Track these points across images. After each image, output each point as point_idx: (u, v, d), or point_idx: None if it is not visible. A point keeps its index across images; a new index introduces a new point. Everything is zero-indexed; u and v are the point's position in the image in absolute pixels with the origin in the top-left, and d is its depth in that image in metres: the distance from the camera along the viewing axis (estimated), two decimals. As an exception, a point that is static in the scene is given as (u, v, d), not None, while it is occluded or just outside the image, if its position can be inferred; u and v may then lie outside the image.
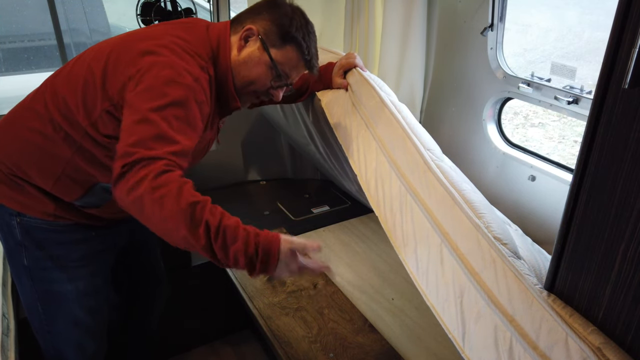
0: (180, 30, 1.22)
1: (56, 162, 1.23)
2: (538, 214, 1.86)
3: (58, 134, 1.21)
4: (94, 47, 1.29)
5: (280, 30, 1.23)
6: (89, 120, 1.19)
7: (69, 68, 1.26)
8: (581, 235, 0.86)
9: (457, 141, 2.14)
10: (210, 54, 1.22)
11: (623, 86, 0.72)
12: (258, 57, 1.24)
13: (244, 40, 1.25)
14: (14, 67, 3.12)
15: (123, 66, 1.14)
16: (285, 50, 1.25)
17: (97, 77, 1.17)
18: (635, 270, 0.78)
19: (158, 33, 1.21)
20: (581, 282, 0.88)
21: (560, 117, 4.83)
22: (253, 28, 1.23)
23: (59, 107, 1.21)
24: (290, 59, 1.26)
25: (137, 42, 1.18)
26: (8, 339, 1.53)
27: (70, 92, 1.20)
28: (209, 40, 1.23)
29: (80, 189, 1.27)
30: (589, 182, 0.82)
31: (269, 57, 1.24)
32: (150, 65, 1.10)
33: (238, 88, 1.29)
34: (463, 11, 1.94)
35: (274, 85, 1.29)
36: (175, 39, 1.17)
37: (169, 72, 1.09)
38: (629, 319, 0.81)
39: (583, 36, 5.13)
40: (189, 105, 1.10)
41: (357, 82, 1.51)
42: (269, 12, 1.25)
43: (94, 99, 1.17)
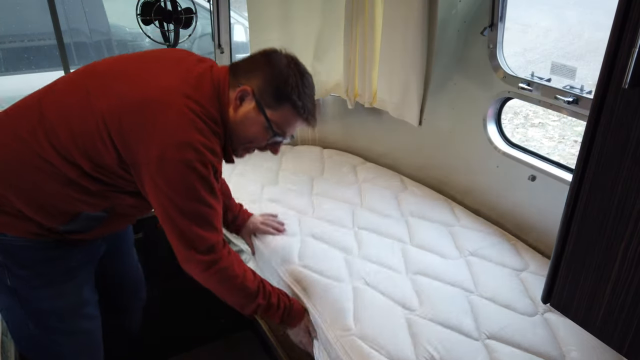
0: (189, 87, 1.19)
1: (42, 193, 1.20)
2: (538, 214, 1.86)
3: (47, 167, 1.18)
4: (93, 74, 1.25)
5: (275, 91, 1.23)
6: (92, 165, 1.18)
7: (62, 97, 1.21)
8: (581, 235, 0.86)
9: (457, 141, 2.14)
10: (219, 115, 1.23)
11: (623, 86, 0.72)
12: (254, 118, 1.25)
13: (239, 100, 1.24)
14: (14, 67, 3.11)
15: (136, 142, 1.14)
16: (281, 110, 1.25)
17: (105, 138, 1.15)
18: (635, 270, 0.78)
19: (167, 89, 1.17)
20: (581, 282, 0.88)
21: (560, 117, 4.83)
22: (248, 89, 1.23)
23: (52, 144, 1.17)
24: (287, 118, 1.27)
25: (147, 105, 1.15)
26: (8, 339, 1.53)
27: (69, 134, 1.16)
28: (217, 99, 1.23)
29: (66, 217, 1.25)
30: (589, 181, 0.82)
31: (265, 117, 1.25)
32: (170, 153, 1.13)
33: (234, 144, 1.31)
34: (463, 11, 1.94)
35: (270, 142, 1.32)
36: (189, 102, 1.16)
37: (191, 155, 1.14)
38: (629, 319, 0.81)
39: (583, 36, 5.13)
40: (213, 185, 1.21)
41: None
42: (264, 70, 1.24)
43: (101, 155, 1.17)
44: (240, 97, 1.24)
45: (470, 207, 2.11)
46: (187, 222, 1.19)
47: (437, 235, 1.89)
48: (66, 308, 1.37)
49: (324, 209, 2.01)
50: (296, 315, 1.43)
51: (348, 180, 2.29)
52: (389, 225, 1.93)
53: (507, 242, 1.87)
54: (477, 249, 1.81)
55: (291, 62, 1.26)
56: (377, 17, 2.10)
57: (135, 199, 1.31)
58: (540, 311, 1.54)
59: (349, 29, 2.20)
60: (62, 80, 1.29)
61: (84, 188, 1.21)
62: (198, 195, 1.18)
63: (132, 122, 1.14)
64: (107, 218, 1.33)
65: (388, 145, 2.49)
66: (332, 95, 2.56)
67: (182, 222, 1.19)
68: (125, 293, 1.76)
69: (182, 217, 1.18)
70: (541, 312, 1.54)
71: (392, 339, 1.37)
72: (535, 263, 1.75)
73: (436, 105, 2.14)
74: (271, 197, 2.08)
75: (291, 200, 2.05)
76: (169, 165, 1.13)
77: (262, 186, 2.17)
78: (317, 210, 2.01)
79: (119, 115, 1.15)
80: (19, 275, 1.29)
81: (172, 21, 2.22)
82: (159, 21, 2.20)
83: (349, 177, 2.32)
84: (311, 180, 2.28)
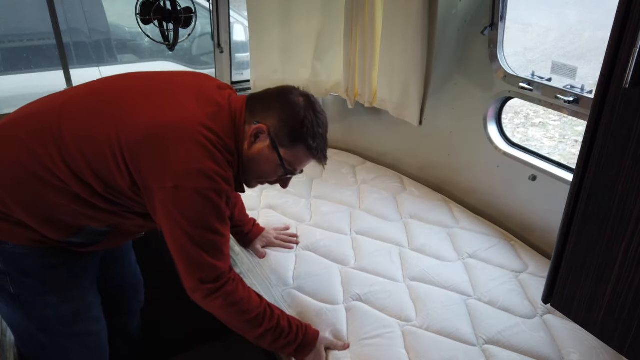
0: (207, 116, 1.19)
1: (47, 207, 1.20)
2: (538, 214, 1.86)
3: (57, 183, 1.17)
4: (111, 93, 1.25)
5: (291, 131, 1.24)
6: (104, 186, 1.18)
7: (78, 114, 1.20)
8: (582, 235, 0.86)
9: (457, 141, 2.14)
10: (235, 146, 1.24)
11: (624, 85, 0.72)
12: (268, 155, 1.26)
13: (254, 137, 1.25)
14: (14, 67, 3.11)
15: (150, 168, 1.15)
16: (295, 150, 1.27)
17: (120, 163, 1.15)
18: (636, 270, 0.78)
19: (185, 117, 1.17)
20: (582, 282, 0.88)
21: (561, 116, 4.83)
22: (264, 127, 1.24)
23: (66, 162, 1.16)
24: (300, 158, 1.29)
25: (163, 133, 1.14)
26: (7, 339, 1.53)
27: (82, 155, 1.16)
28: (234, 130, 1.24)
29: (70, 230, 1.25)
30: (589, 181, 0.82)
31: (279, 156, 1.26)
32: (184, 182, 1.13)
33: (247, 177, 1.33)
34: (463, 10, 1.94)
35: (281, 177, 1.34)
36: (205, 132, 1.16)
37: (205, 184, 1.14)
38: (630, 319, 0.81)
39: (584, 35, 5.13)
40: (225, 214, 1.21)
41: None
42: (280, 110, 1.25)
43: (115, 178, 1.17)
44: (255, 135, 1.25)
45: (470, 207, 2.11)
46: (198, 249, 1.19)
47: (436, 237, 1.88)
48: (71, 313, 1.37)
49: (322, 214, 2.01)
50: (312, 340, 1.37)
51: (347, 182, 2.29)
52: (387, 228, 1.93)
53: (507, 243, 1.86)
54: (475, 250, 1.81)
55: (308, 103, 1.27)
56: (377, 17, 2.10)
57: (142, 219, 1.31)
58: (539, 313, 1.54)
59: (349, 29, 2.19)
60: (81, 91, 1.27)
61: (92, 205, 1.21)
62: (210, 224, 1.18)
63: (148, 149, 1.14)
64: (110, 234, 1.33)
65: (388, 145, 2.49)
66: (332, 95, 2.56)
67: (192, 250, 1.19)
68: (125, 296, 1.76)
69: (193, 244, 1.18)
70: (540, 314, 1.54)
71: (387, 354, 1.35)
72: (535, 264, 1.75)
73: (436, 105, 2.14)
74: (269, 202, 2.08)
75: (289, 207, 2.05)
76: (183, 193, 1.13)
77: (260, 190, 2.17)
78: (315, 215, 2.01)
79: (135, 142, 1.14)
80: (22, 282, 1.28)
81: (172, 21, 2.22)
82: (158, 21, 2.20)
83: (348, 178, 2.32)
84: (310, 181, 2.28)
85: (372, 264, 1.71)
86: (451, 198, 2.18)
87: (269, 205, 2.06)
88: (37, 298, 1.31)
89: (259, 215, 1.99)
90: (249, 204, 2.07)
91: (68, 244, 1.29)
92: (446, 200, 2.16)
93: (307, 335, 1.36)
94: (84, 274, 1.40)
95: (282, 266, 1.70)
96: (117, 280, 1.69)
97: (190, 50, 3.27)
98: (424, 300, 1.55)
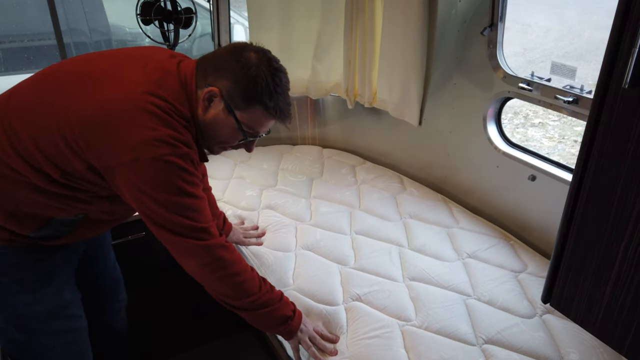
0: (152, 84, 1.14)
1: (9, 201, 1.18)
2: (538, 214, 1.86)
3: (14, 175, 1.15)
4: (56, 77, 1.21)
5: (244, 92, 1.17)
6: (60, 172, 1.15)
7: (25, 101, 1.18)
8: (581, 235, 0.86)
9: (457, 141, 2.14)
10: (190, 112, 1.19)
11: (623, 86, 0.72)
12: (223, 120, 1.21)
13: (207, 101, 1.19)
14: (14, 67, 3.11)
15: (104, 148, 1.10)
16: (251, 112, 1.20)
17: (72, 145, 1.11)
18: (635, 270, 0.78)
19: (128, 88, 1.13)
20: (581, 282, 0.88)
21: (560, 116, 4.83)
22: (215, 90, 1.17)
23: (18, 151, 1.14)
24: (258, 120, 1.22)
25: (108, 110, 1.10)
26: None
27: (33, 141, 1.13)
28: (185, 96, 1.18)
29: (36, 223, 1.23)
30: (589, 181, 0.82)
31: (235, 120, 1.20)
32: (143, 153, 1.08)
33: (207, 143, 1.27)
34: (463, 11, 1.94)
35: (243, 141, 1.27)
36: (151, 98, 1.11)
37: (165, 150, 1.09)
38: (629, 319, 0.81)
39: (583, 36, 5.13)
40: (194, 175, 1.17)
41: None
42: (231, 69, 1.18)
43: (69, 162, 1.13)
44: (208, 99, 1.19)
45: (470, 207, 2.11)
46: (175, 215, 1.15)
47: (435, 237, 1.88)
48: (47, 311, 1.34)
49: (321, 214, 2.01)
50: (299, 318, 1.38)
51: (347, 182, 2.29)
52: (387, 228, 1.93)
53: (506, 243, 1.87)
54: (475, 250, 1.81)
55: (261, 60, 1.19)
56: (377, 17, 2.10)
57: (109, 203, 1.27)
58: (538, 313, 1.54)
59: (348, 29, 2.20)
60: (28, 81, 1.24)
61: (52, 193, 1.18)
62: (180, 188, 1.14)
63: (98, 129, 1.10)
64: (80, 223, 1.29)
65: (388, 145, 2.49)
66: (332, 95, 2.56)
67: (168, 217, 1.14)
68: (107, 294, 1.73)
69: (169, 212, 1.14)
70: (540, 314, 1.54)
71: (386, 354, 1.35)
72: (534, 264, 1.75)
73: (436, 105, 2.14)
74: (269, 202, 2.08)
75: (289, 207, 2.05)
76: (144, 164, 1.09)
77: (260, 190, 2.17)
78: (315, 215, 2.01)
79: (85, 124, 1.11)
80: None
81: (172, 21, 2.22)
82: (158, 21, 2.20)
83: (348, 178, 2.32)
84: (310, 181, 2.28)
85: (372, 264, 1.71)
86: (451, 198, 2.18)
87: (268, 205, 2.06)
88: (11, 297, 1.30)
89: (258, 215, 1.99)
90: (249, 204, 2.07)
91: (38, 239, 1.27)
92: (446, 200, 2.16)
93: (297, 313, 1.37)
94: (59, 270, 1.38)
95: (281, 266, 1.70)
96: (98, 277, 1.67)
97: (190, 51, 3.27)
98: (424, 300, 1.55)
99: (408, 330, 1.44)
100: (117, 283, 1.77)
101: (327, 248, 1.79)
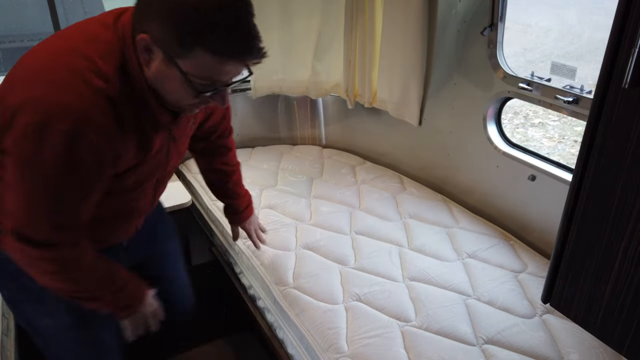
0: (83, 43, 0.96)
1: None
2: (538, 214, 1.86)
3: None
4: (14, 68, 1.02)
5: (178, 37, 0.90)
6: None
7: None
8: (581, 235, 0.86)
9: (457, 141, 2.14)
10: (117, 68, 0.96)
11: (623, 86, 0.72)
12: (167, 72, 0.95)
13: (146, 53, 0.95)
14: (14, 67, 3.12)
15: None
16: (195, 56, 0.92)
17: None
18: (635, 270, 0.78)
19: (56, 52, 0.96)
20: (581, 282, 0.88)
21: (560, 117, 4.83)
22: (146, 38, 0.92)
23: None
24: (207, 64, 0.93)
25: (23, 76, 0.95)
26: (8, 339, 1.53)
27: None
28: (120, 49, 0.96)
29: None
30: (589, 181, 0.82)
31: (180, 71, 0.94)
32: (20, 117, 0.90)
33: (169, 103, 1.03)
34: (463, 11, 1.94)
35: (206, 95, 0.99)
36: (70, 58, 0.93)
37: (41, 117, 0.89)
38: (629, 319, 0.81)
39: (583, 36, 5.13)
40: (84, 164, 0.96)
41: None
42: (161, 8, 0.91)
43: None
44: (145, 49, 0.94)
45: (470, 207, 2.11)
46: (33, 201, 0.96)
47: (435, 237, 1.88)
48: (53, 329, 1.24)
49: (321, 213, 2.01)
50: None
51: (347, 182, 2.29)
52: (387, 228, 1.93)
53: (506, 243, 1.87)
54: (475, 250, 1.81)
55: None
56: (377, 17, 2.10)
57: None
58: (538, 313, 1.54)
59: (348, 29, 2.19)
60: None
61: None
62: (49, 173, 0.94)
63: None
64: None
65: (388, 145, 2.49)
66: (332, 95, 2.56)
67: (25, 201, 0.96)
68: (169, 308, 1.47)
69: (27, 195, 0.96)
70: (539, 314, 1.54)
71: (386, 354, 1.35)
72: (534, 264, 1.75)
73: (436, 105, 2.14)
74: (269, 202, 2.08)
75: (289, 206, 2.05)
76: (17, 130, 0.91)
77: (260, 190, 2.17)
78: (315, 215, 2.01)
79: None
80: (9, 287, 1.22)
81: (172, 21, 2.21)
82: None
83: (347, 178, 2.32)
84: (310, 181, 2.28)
85: (372, 264, 1.71)
86: (451, 198, 2.18)
87: (268, 205, 2.06)
88: (21, 305, 1.24)
89: (258, 214, 1.99)
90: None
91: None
92: (446, 200, 2.16)
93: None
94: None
95: (281, 266, 1.70)
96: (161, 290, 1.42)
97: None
98: (424, 300, 1.55)
99: (408, 330, 1.44)
100: (183, 295, 1.63)
101: (327, 248, 1.79)
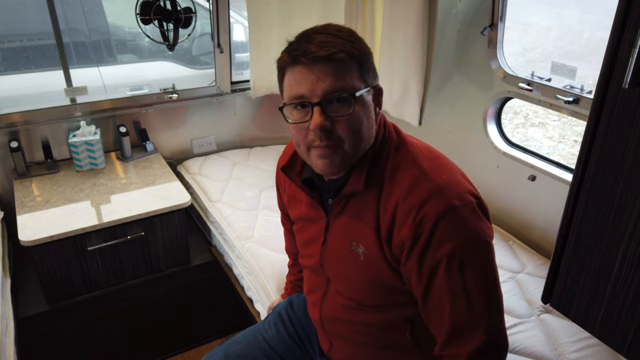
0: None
1: None
2: (538, 214, 1.86)
3: None
4: None
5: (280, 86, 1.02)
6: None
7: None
8: (581, 235, 0.86)
9: (457, 141, 2.14)
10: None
11: (623, 86, 0.71)
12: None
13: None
14: (13, 67, 3.11)
15: None
16: (281, 86, 1.02)
17: None
18: (635, 270, 0.78)
19: None
20: (581, 282, 0.88)
21: (561, 116, 4.83)
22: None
23: None
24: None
25: None
26: (7, 339, 1.52)
27: None
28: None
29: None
30: (589, 181, 0.82)
31: (281, 111, 1.01)
32: None
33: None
34: (463, 10, 1.94)
35: (298, 125, 0.99)
36: None
37: None
38: (629, 319, 0.81)
39: (583, 36, 5.13)
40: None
41: None
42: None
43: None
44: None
45: (470, 207, 2.11)
46: None
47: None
48: None
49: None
50: None
51: (347, 180, 2.28)
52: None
53: (505, 243, 1.86)
54: (476, 249, 1.80)
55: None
56: (377, 16, 2.10)
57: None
58: (536, 313, 1.54)
59: (348, 29, 2.19)
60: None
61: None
62: None
63: None
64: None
65: (388, 145, 2.49)
66: (331, 95, 2.55)
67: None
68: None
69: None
70: (537, 313, 1.54)
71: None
72: (532, 264, 1.75)
73: (436, 105, 2.14)
74: (268, 203, 2.07)
75: None
76: None
77: (260, 191, 2.16)
78: (316, 213, 2.01)
79: None
80: None
81: (172, 21, 2.22)
82: (158, 21, 2.20)
83: (348, 177, 2.32)
84: (311, 180, 2.27)
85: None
86: (451, 198, 2.18)
87: (268, 206, 2.06)
88: None
89: (257, 215, 1.98)
90: (248, 205, 2.07)
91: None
92: (446, 200, 2.15)
93: None
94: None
95: (280, 268, 1.70)
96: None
97: (190, 50, 3.27)
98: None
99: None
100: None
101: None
